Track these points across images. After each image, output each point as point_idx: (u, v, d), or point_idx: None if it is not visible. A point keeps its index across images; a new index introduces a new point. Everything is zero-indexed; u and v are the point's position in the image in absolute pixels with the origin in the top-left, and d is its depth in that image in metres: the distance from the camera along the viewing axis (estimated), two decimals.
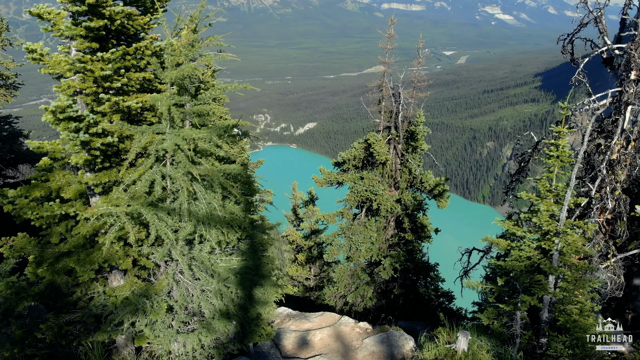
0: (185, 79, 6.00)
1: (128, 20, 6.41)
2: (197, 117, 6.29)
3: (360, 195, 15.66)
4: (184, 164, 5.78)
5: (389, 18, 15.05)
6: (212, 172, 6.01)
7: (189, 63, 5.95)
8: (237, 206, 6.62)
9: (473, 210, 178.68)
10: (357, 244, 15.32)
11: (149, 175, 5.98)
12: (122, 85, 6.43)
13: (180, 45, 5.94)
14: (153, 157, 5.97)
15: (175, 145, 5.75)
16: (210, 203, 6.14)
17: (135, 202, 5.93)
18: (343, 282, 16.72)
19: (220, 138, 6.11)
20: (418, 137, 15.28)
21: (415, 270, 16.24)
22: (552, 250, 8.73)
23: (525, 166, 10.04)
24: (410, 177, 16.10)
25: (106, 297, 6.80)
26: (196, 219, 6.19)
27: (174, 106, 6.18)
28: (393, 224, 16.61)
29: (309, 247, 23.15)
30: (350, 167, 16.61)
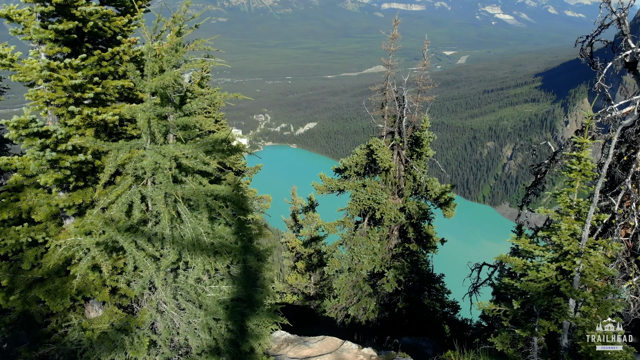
0: (168, 88, 5.28)
1: (104, 22, 5.70)
2: (182, 130, 5.57)
3: (362, 204, 14.95)
4: (164, 185, 5.06)
5: (393, 18, 14.34)
6: (198, 194, 5.30)
7: (171, 70, 5.23)
8: (228, 229, 5.91)
9: (473, 210, 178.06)
10: (360, 256, 14.60)
11: (127, 197, 5.27)
12: (98, 94, 5.71)
13: (162, 50, 5.22)
14: (131, 177, 5.25)
15: (155, 163, 5.02)
16: (196, 227, 5.42)
17: (111, 228, 5.21)
18: (344, 294, 16.00)
19: (209, 154, 5.39)
20: (423, 143, 14.56)
21: (420, 282, 15.52)
22: (572, 271, 8.03)
23: (542, 178, 9.32)
24: (414, 185, 15.38)
25: (82, 331, 6.08)
26: (180, 245, 5.47)
27: (157, 118, 5.47)
28: (397, 233, 15.89)
29: (308, 255, 22.44)
30: (352, 174, 15.90)
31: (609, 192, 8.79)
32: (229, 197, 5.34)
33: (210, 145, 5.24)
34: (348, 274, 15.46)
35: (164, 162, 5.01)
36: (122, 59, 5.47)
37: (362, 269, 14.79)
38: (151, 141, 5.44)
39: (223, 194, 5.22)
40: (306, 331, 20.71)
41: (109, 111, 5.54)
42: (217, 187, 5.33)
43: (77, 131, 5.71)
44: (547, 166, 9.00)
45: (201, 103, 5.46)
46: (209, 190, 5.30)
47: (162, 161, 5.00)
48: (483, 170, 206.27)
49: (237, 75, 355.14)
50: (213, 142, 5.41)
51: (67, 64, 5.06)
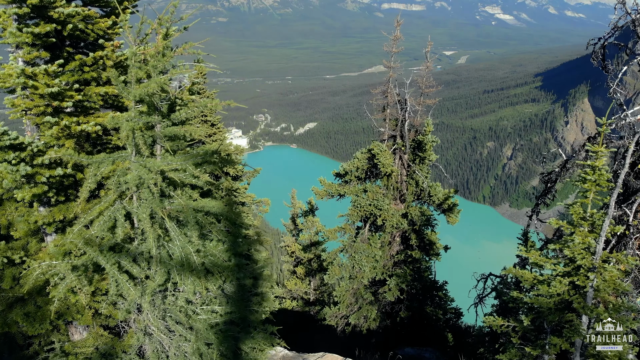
0: (154, 95, 4.86)
1: (86, 24, 5.28)
2: (170, 140, 5.15)
3: (363, 210, 14.53)
4: (149, 202, 4.64)
5: (395, 19, 13.91)
6: (187, 210, 4.88)
7: (158, 76, 4.80)
8: (220, 246, 5.48)
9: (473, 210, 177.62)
10: (361, 264, 14.18)
11: (110, 214, 4.85)
12: (80, 102, 5.29)
13: (148, 55, 4.79)
14: (114, 192, 4.83)
15: (139, 178, 4.60)
16: (185, 246, 4.99)
17: (92, 248, 4.79)
18: (345, 302, 15.58)
19: (199, 167, 4.97)
20: (426, 148, 14.14)
21: (423, 291, 15.10)
22: (586, 286, 7.61)
23: (552, 187, 8.89)
24: (417, 190, 14.95)
25: (64, 357, 5.66)
26: (168, 265, 5.05)
27: (142, 128, 5.05)
28: (398, 239, 15.47)
29: (308, 260, 22.00)
30: (353, 179, 15.48)
31: (624, 203, 8.37)
32: (221, 214, 4.91)
33: (200, 158, 4.82)
34: (349, 282, 15.03)
35: (149, 177, 4.59)
36: (106, 64, 5.04)
37: (364, 277, 14.36)
38: (136, 153, 5.01)
39: (214, 210, 4.80)
40: (306, 338, 20.30)
41: (92, 120, 5.11)
42: (208, 203, 4.90)
43: (58, 142, 5.29)
44: (558, 174, 8.57)
45: (191, 112, 5.03)
46: (199, 206, 4.88)
47: (147, 176, 4.58)
48: (483, 170, 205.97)
49: (237, 75, 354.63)
50: (203, 154, 4.99)
51: (43, 71, 4.64)
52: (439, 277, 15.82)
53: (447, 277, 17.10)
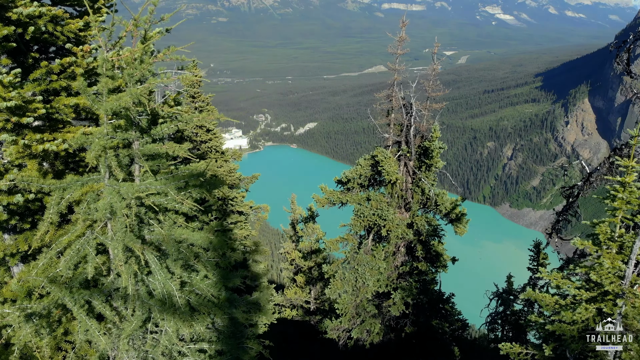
0: (130, 108, 4.17)
1: (55, 26, 4.59)
2: (150, 159, 4.45)
3: (367, 220, 13.83)
4: (121, 235, 3.94)
5: (400, 19, 13.21)
6: (168, 241, 4.18)
7: (134, 86, 4.11)
8: (207, 280, 4.78)
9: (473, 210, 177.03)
10: (364, 277, 13.48)
11: (78, 247, 4.15)
12: (49, 115, 4.60)
13: (124, 61, 4.10)
14: (82, 222, 4.13)
15: (110, 207, 3.90)
16: (167, 283, 4.30)
17: (57, 287, 4.09)
18: (347, 315, 14.88)
19: (182, 190, 4.27)
20: (433, 154, 13.43)
21: (430, 304, 14.40)
22: (613, 313, 6.93)
23: (574, 202, 8.19)
24: (423, 198, 14.25)
25: None
26: (148, 305, 4.35)
27: (117, 146, 4.36)
28: (403, 249, 14.78)
29: (308, 268, 21.30)
30: (355, 186, 14.77)
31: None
32: (207, 247, 4.22)
33: (184, 181, 4.12)
34: (352, 295, 14.34)
35: (121, 205, 3.90)
36: (75, 72, 4.34)
37: (368, 292, 13.67)
38: (110, 175, 4.32)
39: (199, 243, 4.11)
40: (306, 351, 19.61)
41: (60, 136, 4.41)
42: (192, 235, 4.21)
43: (23, 160, 4.60)
44: (581, 189, 7.88)
45: (174, 126, 4.34)
46: (182, 237, 4.18)
47: (120, 204, 3.89)
48: (483, 170, 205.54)
49: (237, 75, 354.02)
50: (188, 175, 4.30)
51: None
52: (446, 291, 15.13)
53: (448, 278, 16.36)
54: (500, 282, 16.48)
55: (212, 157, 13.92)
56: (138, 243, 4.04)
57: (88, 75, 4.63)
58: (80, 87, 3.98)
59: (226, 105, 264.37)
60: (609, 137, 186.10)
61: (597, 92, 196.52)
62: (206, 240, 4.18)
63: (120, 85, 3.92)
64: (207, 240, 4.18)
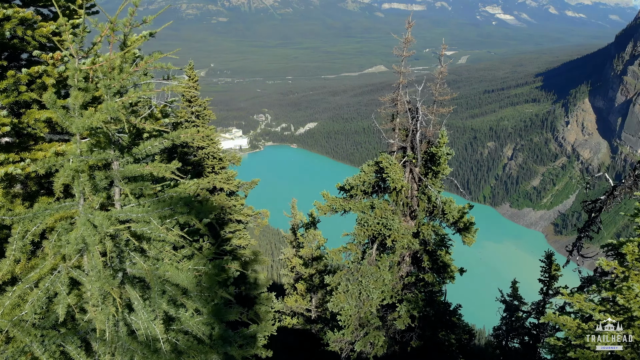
0: (109, 125, 3.59)
1: (25, 29, 4.01)
2: (131, 181, 3.88)
3: (371, 229, 13.25)
4: (95, 275, 3.37)
5: (406, 20, 12.64)
6: (152, 278, 3.60)
7: (112, 99, 3.53)
8: (198, 317, 4.21)
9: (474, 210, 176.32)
10: (368, 290, 12.91)
11: (48, 285, 3.58)
12: (19, 130, 4.03)
13: (101, 70, 3.53)
14: (52, 258, 3.56)
15: (82, 241, 3.33)
16: (150, 326, 3.72)
17: (23, 331, 3.52)
18: (350, 327, 14.31)
19: (167, 219, 3.70)
20: (440, 161, 12.85)
21: (436, 317, 13.81)
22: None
23: (596, 217, 7.62)
24: (429, 206, 13.68)
25: None
26: (129, 352, 3.78)
27: (99, 166, 3.79)
28: (409, 259, 14.21)
29: (309, 275, 20.74)
30: (359, 193, 14.19)
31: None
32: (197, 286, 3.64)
33: (169, 208, 3.55)
34: (355, 307, 13.76)
35: (95, 239, 3.32)
36: (45, 83, 3.77)
37: (372, 305, 13.09)
38: (86, 199, 3.75)
39: (185, 284, 3.53)
40: None
41: (29, 156, 3.84)
42: (178, 275, 3.63)
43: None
44: (604, 203, 7.31)
45: (158, 144, 3.76)
46: (166, 275, 3.61)
47: (93, 238, 3.31)
48: (484, 170, 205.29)
49: (237, 75, 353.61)
50: (174, 201, 3.72)
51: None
52: (452, 302, 14.55)
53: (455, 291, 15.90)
54: (501, 282, 15.98)
55: (209, 163, 13.35)
56: (115, 284, 3.47)
57: (61, 86, 4.06)
58: (48, 101, 3.41)
59: (226, 105, 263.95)
60: (609, 137, 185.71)
61: (597, 92, 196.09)
62: (193, 282, 3.60)
63: (101, 96, 3.38)
64: (193, 282, 3.60)
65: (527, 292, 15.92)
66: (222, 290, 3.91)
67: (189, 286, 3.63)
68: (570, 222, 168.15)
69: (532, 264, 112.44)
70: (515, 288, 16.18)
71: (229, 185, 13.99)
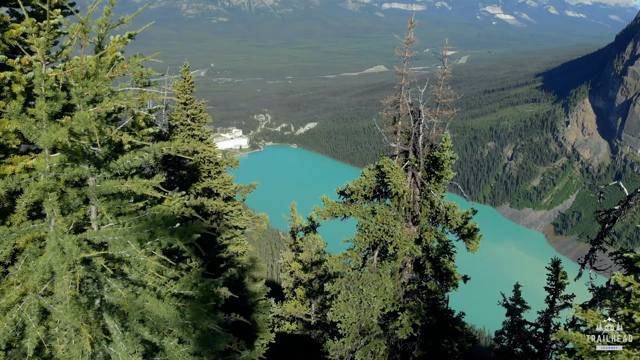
0: (82, 137, 3.21)
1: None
2: (109, 199, 3.49)
3: (372, 236, 12.86)
4: (64, 307, 2.98)
5: (408, 20, 12.26)
6: (130, 309, 3.22)
7: (86, 108, 3.15)
8: (183, 347, 3.82)
9: None
10: (369, 299, 12.52)
11: (14, 318, 3.19)
12: None
13: (72, 77, 3.14)
14: (19, 285, 3.17)
15: (49, 270, 2.95)
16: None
17: None
18: (350, 335, 13.92)
19: (147, 242, 3.31)
20: (443, 166, 12.46)
21: (439, 325, 13.44)
22: None
23: (610, 228, 7.24)
24: (432, 212, 13.29)
25: None
26: None
27: (72, 183, 3.41)
28: (410, 266, 13.83)
29: (309, 280, 20.35)
30: (359, 198, 13.81)
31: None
32: (180, 320, 3.26)
33: (147, 232, 3.15)
34: (355, 315, 13.38)
35: (63, 267, 2.93)
36: (13, 91, 3.38)
37: (373, 315, 12.71)
38: (57, 220, 3.36)
39: (167, 318, 3.15)
40: None
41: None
42: (158, 307, 3.24)
43: None
44: (618, 213, 6.93)
45: (138, 158, 3.38)
46: (146, 307, 3.22)
47: (61, 267, 2.92)
48: (484, 170, 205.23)
49: (238, 75, 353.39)
50: (155, 223, 3.34)
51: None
52: (455, 309, 14.18)
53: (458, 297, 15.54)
54: (500, 282, 15.62)
55: (205, 168, 12.97)
56: (89, 316, 3.09)
57: (33, 94, 3.68)
58: (12, 111, 3.02)
59: (226, 105, 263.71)
60: (610, 138, 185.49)
61: (597, 92, 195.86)
62: (175, 315, 3.22)
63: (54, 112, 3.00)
64: (175, 315, 3.22)
65: (528, 293, 15.59)
66: (209, 322, 3.53)
67: (171, 320, 3.25)
68: (570, 222, 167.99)
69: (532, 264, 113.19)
70: (517, 292, 15.83)
71: (225, 190, 13.59)
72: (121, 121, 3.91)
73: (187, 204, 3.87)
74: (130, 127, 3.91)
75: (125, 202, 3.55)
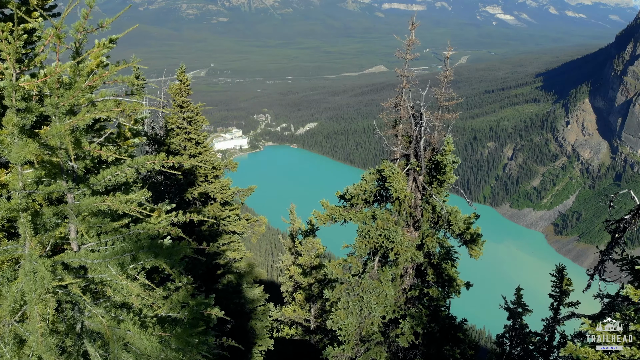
0: (58, 151, 2.94)
1: None
2: (90, 217, 3.22)
3: (372, 241, 12.59)
4: (35, 339, 2.71)
5: (410, 20, 11.99)
6: (111, 338, 2.94)
7: (62, 120, 2.88)
8: None
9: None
10: (370, 306, 12.25)
11: None
12: None
13: (46, 86, 2.87)
14: None
15: (21, 298, 2.68)
16: None
17: None
18: (350, 342, 13.66)
19: (129, 265, 3.04)
20: (446, 170, 12.19)
21: (441, 333, 13.17)
22: None
23: (620, 238, 6.97)
24: (434, 217, 13.02)
25: None
26: None
27: (48, 201, 3.14)
28: (412, 272, 13.56)
29: (308, 284, 20.09)
30: (359, 202, 13.54)
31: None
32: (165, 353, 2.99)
33: (130, 254, 2.88)
34: (356, 322, 13.11)
35: (34, 297, 2.66)
36: None
37: (374, 323, 12.44)
38: (32, 241, 3.08)
39: (149, 352, 2.87)
40: None
41: None
42: (141, 339, 2.97)
43: None
44: (629, 223, 6.66)
45: (121, 174, 3.11)
46: (127, 336, 2.94)
47: (32, 296, 2.65)
48: (484, 170, 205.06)
49: (238, 75, 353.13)
50: (141, 241, 3.06)
51: None
52: (458, 315, 13.91)
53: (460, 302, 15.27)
54: (500, 282, 15.36)
55: (201, 172, 12.71)
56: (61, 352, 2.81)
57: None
58: None
59: (226, 105, 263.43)
60: (610, 138, 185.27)
61: (597, 92, 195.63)
62: (158, 348, 2.94)
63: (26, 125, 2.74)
64: (159, 348, 2.94)
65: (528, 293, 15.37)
66: (197, 352, 3.25)
67: (153, 353, 2.98)
68: (570, 223, 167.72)
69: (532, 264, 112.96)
70: (519, 295, 15.58)
71: (222, 195, 13.32)
72: (104, 132, 3.64)
73: (174, 221, 3.61)
74: (115, 139, 3.65)
75: (107, 220, 3.28)
